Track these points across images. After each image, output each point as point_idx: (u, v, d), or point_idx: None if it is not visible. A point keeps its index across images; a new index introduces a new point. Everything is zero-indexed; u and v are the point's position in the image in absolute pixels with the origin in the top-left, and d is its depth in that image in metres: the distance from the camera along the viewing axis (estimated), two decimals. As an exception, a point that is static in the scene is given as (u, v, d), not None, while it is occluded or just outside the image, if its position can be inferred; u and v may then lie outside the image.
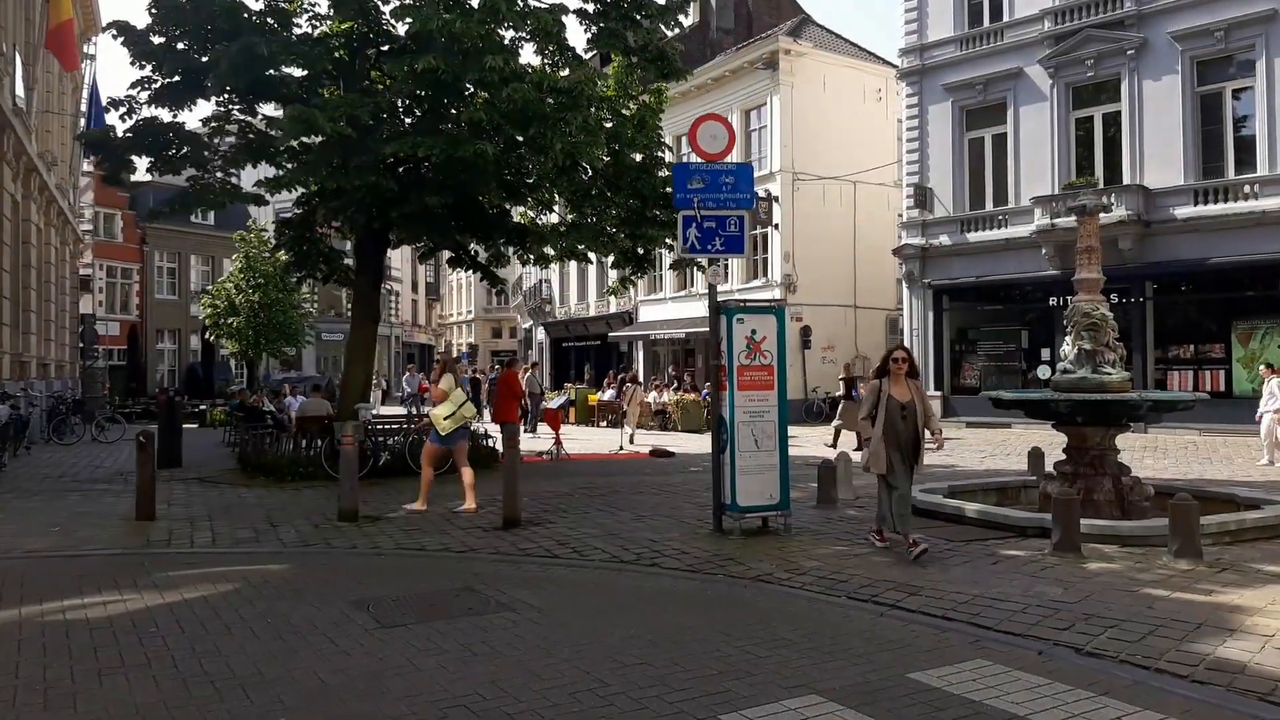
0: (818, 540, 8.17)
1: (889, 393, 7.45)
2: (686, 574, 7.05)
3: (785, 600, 6.27)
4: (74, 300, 31.34)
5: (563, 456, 16.42)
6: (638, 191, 14.70)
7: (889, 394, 7.44)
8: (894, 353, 7.66)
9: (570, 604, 6.18)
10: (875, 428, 7.43)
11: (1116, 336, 9.42)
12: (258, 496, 11.28)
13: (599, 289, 36.71)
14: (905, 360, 7.60)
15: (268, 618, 5.82)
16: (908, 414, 7.43)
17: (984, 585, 6.43)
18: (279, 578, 6.96)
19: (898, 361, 7.55)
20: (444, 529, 8.92)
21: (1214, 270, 19.83)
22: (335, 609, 5.99)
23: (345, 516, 9.21)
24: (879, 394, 7.47)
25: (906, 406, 7.44)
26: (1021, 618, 5.66)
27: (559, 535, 8.50)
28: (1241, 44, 19.76)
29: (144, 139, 14.13)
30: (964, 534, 8.34)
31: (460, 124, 12.45)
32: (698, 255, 8.92)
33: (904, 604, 6.03)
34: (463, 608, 6.06)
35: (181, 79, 13.56)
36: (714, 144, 8.50)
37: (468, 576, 6.93)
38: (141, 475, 9.40)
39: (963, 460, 15.78)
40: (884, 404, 7.41)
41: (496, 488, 9.67)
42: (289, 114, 11.02)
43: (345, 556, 7.84)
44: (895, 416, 7.41)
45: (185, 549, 8.19)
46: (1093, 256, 9.50)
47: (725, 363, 8.32)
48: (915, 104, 24.97)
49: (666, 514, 9.72)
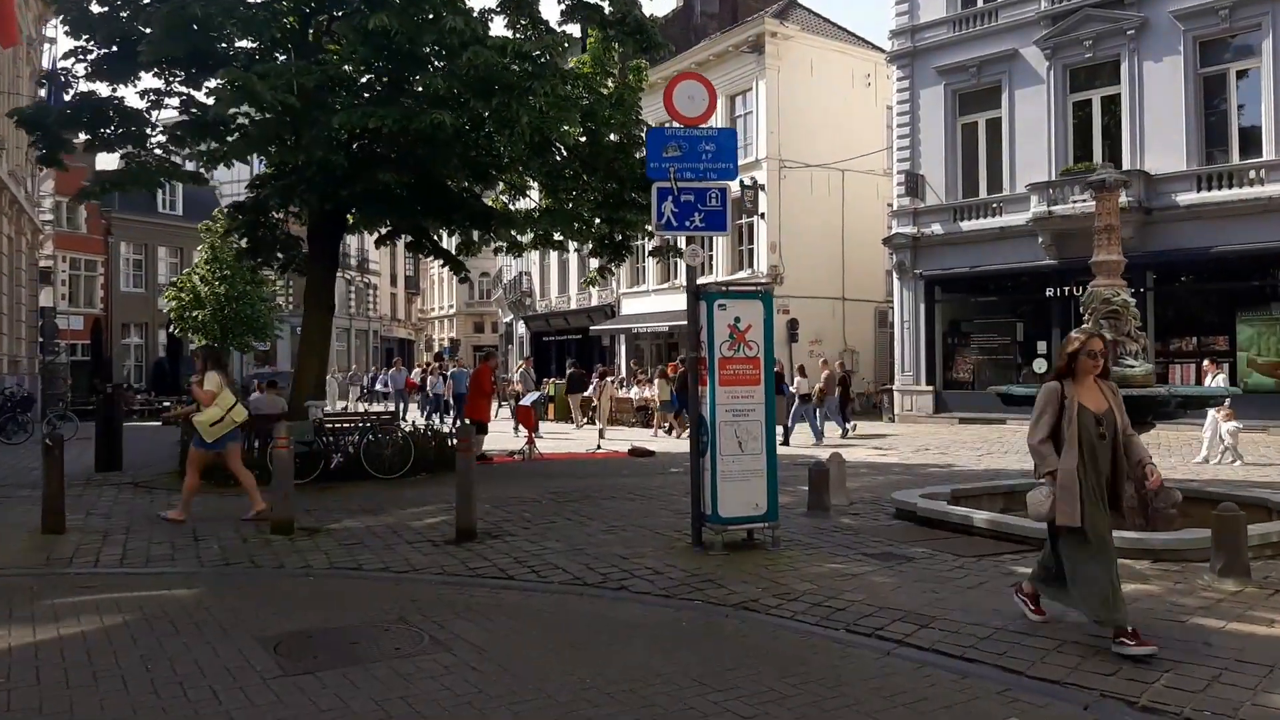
0: (810, 556, 7.21)
1: (1078, 400, 4.99)
2: (659, 599, 6.07)
3: (773, 634, 5.30)
4: (32, 293, 30.04)
5: (535, 456, 15.42)
6: (615, 173, 13.73)
7: (1079, 402, 4.99)
8: (1088, 343, 5.06)
9: (518, 641, 5.19)
10: (1066, 457, 4.92)
11: (1139, 325, 8.50)
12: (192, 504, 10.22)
13: (580, 281, 35.68)
14: (1104, 354, 5.17)
15: (150, 662, 4.81)
16: (1106, 431, 4.99)
17: (1006, 614, 5.48)
18: (182, 606, 5.93)
19: (1093, 356, 5.03)
20: (390, 543, 7.91)
21: (1217, 259, 19.03)
22: (235, 649, 4.99)
23: (279, 529, 8.18)
24: (1060, 402, 5.01)
25: (1104, 420, 4.99)
26: (1057, 659, 4.72)
27: (518, 551, 7.50)
28: (1246, 23, 18.92)
29: (80, 115, 13.07)
30: (974, 547, 7.40)
31: (419, 96, 11.41)
32: (674, 233, 7.93)
33: (915, 639, 5.08)
34: (389, 647, 5.06)
35: (119, 48, 12.50)
36: (692, 106, 7.50)
37: (404, 604, 5.93)
38: (48, 484, 8.34)
39: (959, 459, 14.89)
40: (1074, 418, 4.96)
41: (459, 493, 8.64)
42: (224, 77, 9.94)
43: (268, 578, 6.82)
44: (1091, 436, 4.94)
45: (87, 569, 7.14)
46: (1112, 236, 8.57)
47: (705, 354, 7.35)
48: (906, 88, 24.03)
49: (640, 523, 8.74)
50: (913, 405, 23.79)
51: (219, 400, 8.92)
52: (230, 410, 8.98)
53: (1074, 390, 5.03)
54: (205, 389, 8.94)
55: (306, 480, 11.59)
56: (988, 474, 12.36)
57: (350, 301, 52.43)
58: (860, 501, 9.85)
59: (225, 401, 8.96)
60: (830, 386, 20.26)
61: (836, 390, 20.21)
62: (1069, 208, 20.19)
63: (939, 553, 7.21)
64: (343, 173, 11.16)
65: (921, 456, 15.39)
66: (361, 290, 54.82)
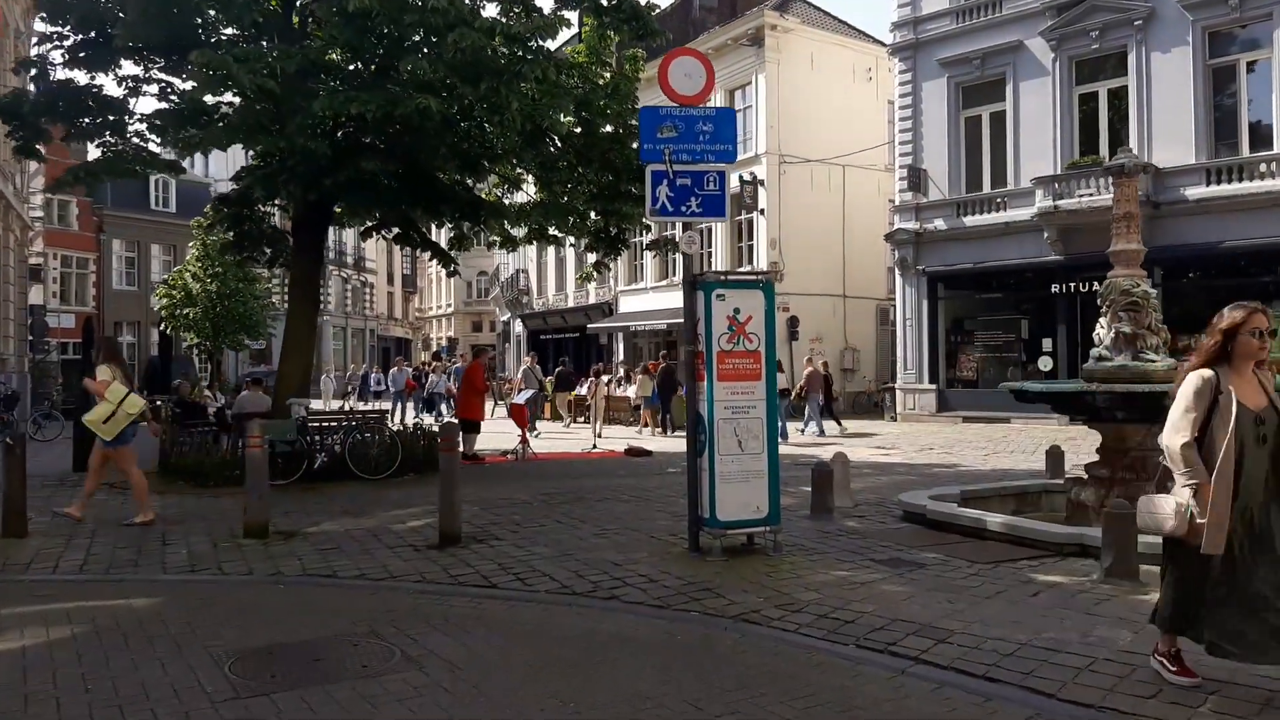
0: (814, 562, 6.76)
1: (1235, 396, 3.93)
2: (652, 610, 5.63)
3: (776, 650, 4.86)
4: (21, 290, 29.60)
5: (529, 456, 14.97)
6: (610, 164, 13.28)
7: (1235, 398, 3.92)
8: (1250, 319, 3.99)
9: (498, 657, 4.75)
10: (1220, 461, 3.85)
11: (1160, 318, 8.06)
12: (166, 505, 9.76)
13: (576, 278, 35.22)
14: (1271, 333, 4.12)
15: (92, 681, 4.38)
16: (1267, 433, 3.95)
17: (1029, 627, 5.05)
18: (137, 618, 5.49)
19: (1259, 336, 3.99)
20: (369, 548, 7.46)
21: (1227, 254, 18.56)
22: (187, 667, 4.56)
23: (252, 533, 7.74)
24: (1213, 397, 3.96)
25: (1265, 419, 3.96)
26: (1090, 679, 4.28)
27: (503, 557, 7.06)
28: (1256, 13, 18.47)
29: (57, 104, 12.64)
30: (988, 553, 6.96)
31: (405, 81, 10.97)
32: (669, 219, 7.48)
33: (931, 656, 4.64)
34: (356, 665, 4.62)
35: (97, 34, 12.07)
36: (689, 84, 7.05)
37: (378, 615, 5.49)
38: (9, 485, 7.91)
39: (965, 458, 14.45)
40: (1231, 418, 3.89)
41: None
42: (197, 60, 9.49)
43: (234, 587, 6.38)
44: (1250, 440, 3.92)
45: (45, 575, 6.71)
46: (1131, 224, 8.12)
47: (703, 348, 6.91)
48: (909, 80, 23.57)
49: (635, 527, 8.30)
50: (915, 404, 23.34)
51: (109, 394, 8.39)
52: (121, 403, 8.41)
53: (1231, 381, 3.97)
54: (98, 380, 8.45)
55: (289, 481, 11.19)
56: (995, 474, 11.93)
57: (347, 300, 51.95)
58: (865, 503, 9.41)
59: (115, 395, 8.40)
60: (814, 385, 19.93)
61: (820, 389, 19.96)
62: (1075, 202, 19.75)
63: (951, 558, 6.77)
64: (326, 161, 10.72)
65: (926, 456, 14.96)
66: (358, 289, 54.32)
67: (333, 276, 49.26)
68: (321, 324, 46.83)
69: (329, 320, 48.00)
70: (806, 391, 19.94)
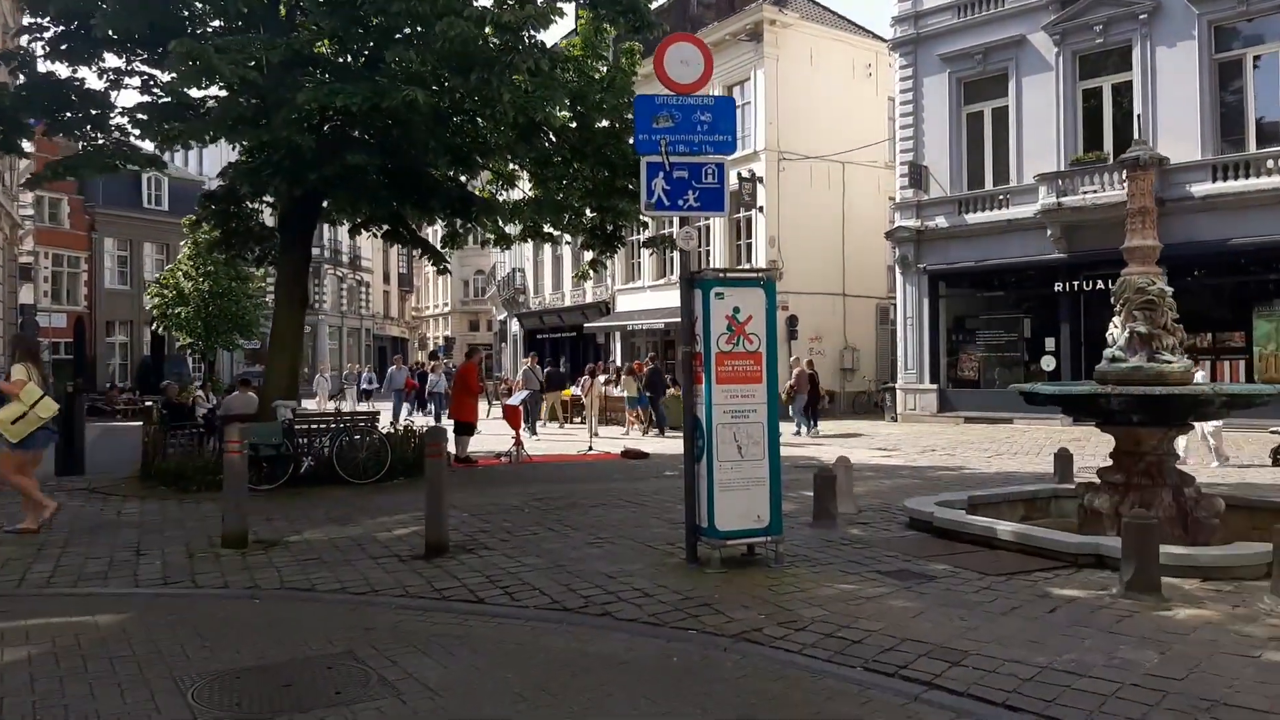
0: (818, 574, 6.44)
1: None
2: (647, 628, 5.31)
3: (779, 673, 4.54)
4: (11, 290, 29.24)
5: (523, 459, 14.65)
6: (606, 160, 12.96)
7: None
8: None
9: (481, 682, 4.43)
10: None
11: (1176, 317, 7.74)
12: (144, 512, 9.46)
13: (573, 277, 34.89)
14: None
15: (43, 710, 4.06)
16: None
17: (1049, 647, 4.74)
18: (100, 637, 5.17)
19: None
20: (352, 559, 7.14)
21: (1234, 252, 18.27)
22: (147, 694, 4.24)
23: (230, 542, 7.40)
24: None
25: None
26: (1117, 706, 3.97)
27: (492, 568, 6.73)
28: (1263, 6, 18.13)
29: (37, 97, 12.29)
30: (999, 563, 6.65)
31: (393, 73, 10.64)
32: (665, 213, 7.16)
33: (946, 680, 4.32)
34: (328, 691, 4.30)
35: (79, 26, 11.72)
36: (686, 71, 6.73)
37: (356, 634, 5.17)
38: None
39: (968, 461, 14.13)
40: None
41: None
42: (176, 50, 9.15)
43: (207, 602, 6.05)
44: None
45: (8, 589, 6.36)
46: (1146, 219, 7.82)
47: (700, 349, 6.59)
48: (909, 76, 23.24)
49: (630, 535, 7.97)
50: (916, 404, 23.03)
51: (23, 394, 7.98)
52: (35, 405, 7.98)
53: None
54: (13, 379, 8.06)
55: (275, 486, 10.87)
56: (1000, 477, 11.63)
57: (342, 299, 51.56)
58: (869, 509, 9.09)
59: (30, 396, 7.97)
60: (801, 385, 19.72)
61: (807, 389, 19.78)
62: (1079, 199, 19.45)
63: (961, 570, 6.46)
64: (312, 155, 10.39)
65: (929, 458, 14.64)
66: (354, 288, 53.92)
67: (328, 275, 48.90)
68: (317, 323, 46.66)
69: (324, 319, 47.63)
70: (795, 392, 19.74)
